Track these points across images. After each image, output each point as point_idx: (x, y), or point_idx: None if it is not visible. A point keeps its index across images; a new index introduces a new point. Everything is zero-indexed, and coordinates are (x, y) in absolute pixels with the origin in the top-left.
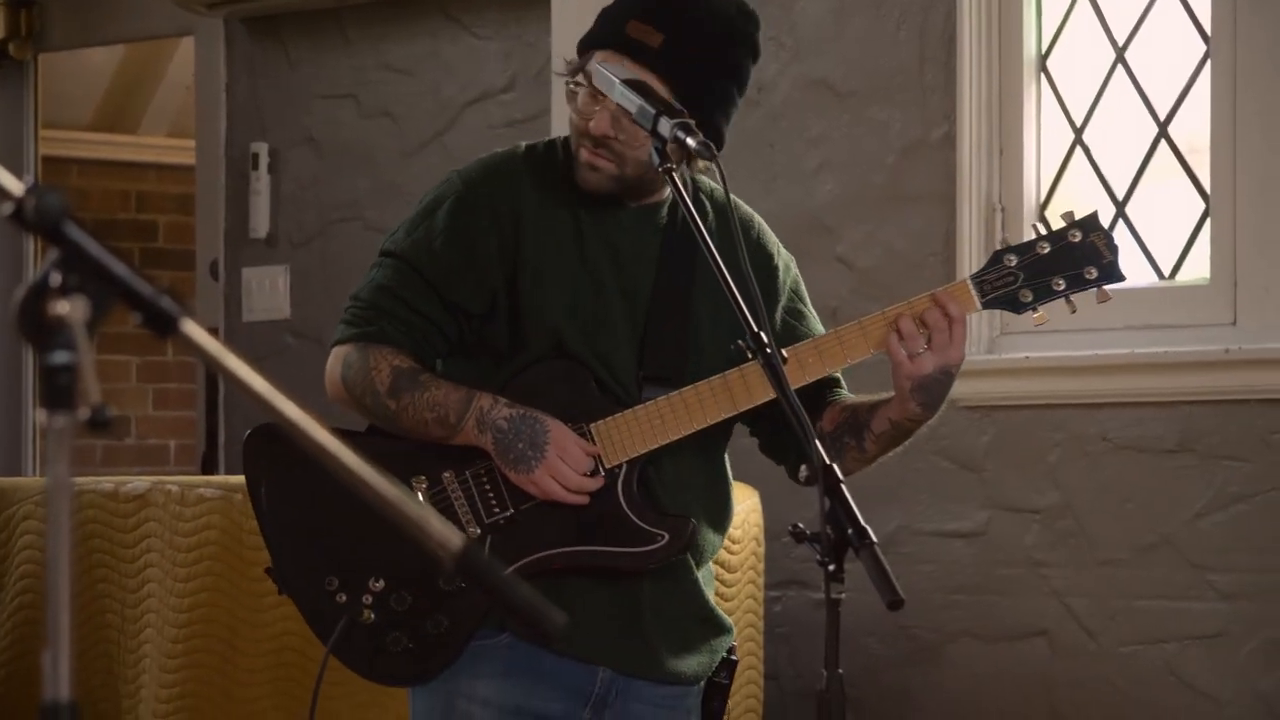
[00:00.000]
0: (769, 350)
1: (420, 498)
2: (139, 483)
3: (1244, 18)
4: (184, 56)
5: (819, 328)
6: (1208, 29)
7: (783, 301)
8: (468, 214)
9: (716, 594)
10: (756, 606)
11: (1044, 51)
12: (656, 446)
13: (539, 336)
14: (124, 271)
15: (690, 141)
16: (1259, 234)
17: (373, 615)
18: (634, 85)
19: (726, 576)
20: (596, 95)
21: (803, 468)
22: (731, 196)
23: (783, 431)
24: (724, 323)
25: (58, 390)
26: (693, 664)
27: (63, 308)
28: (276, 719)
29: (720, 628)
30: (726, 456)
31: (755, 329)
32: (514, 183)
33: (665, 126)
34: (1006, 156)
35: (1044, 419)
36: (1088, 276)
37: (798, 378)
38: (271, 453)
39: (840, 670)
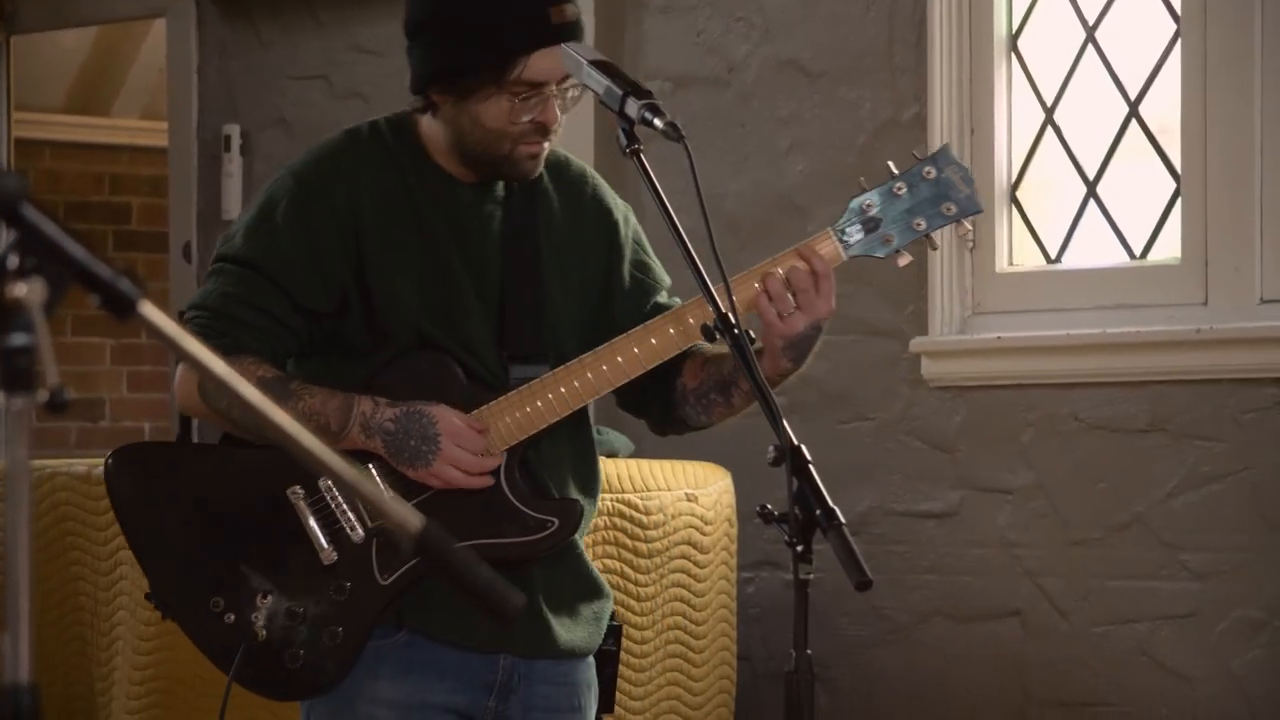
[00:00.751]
0: (736, 331)
1: (303, 508)
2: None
3: None
4: (156, 39)
5: (664, 276)
6: (1178, 9)
7: (628, 255)
8: (305, 211)
9: (688, 574)
10: (729, 588)
11: (1014, 31)
12: (537, 431)
13: (398, 329)
14: (81, 253)
15: (658, 123)
16: (1230, 214)
17: (265, 633)
18: (600, 65)
19: (699, 558)
20: (541, 91)
21: (770, 448)
22: (564, 153)
23: (642, 391)
24: (573, 292)
25: (16, 372)
26: (582, 635)
27: (20, 290)
28: (248, 699)
29: (600, 592)
30: (591, 426)
31: (724, 310)
32: (346, 171)
33: (633, 107)
34: (977, 136)
35: (1016, 399)
36: (946, 212)
37: (676, 346)
38: (136, 473)
39: (810, 651)
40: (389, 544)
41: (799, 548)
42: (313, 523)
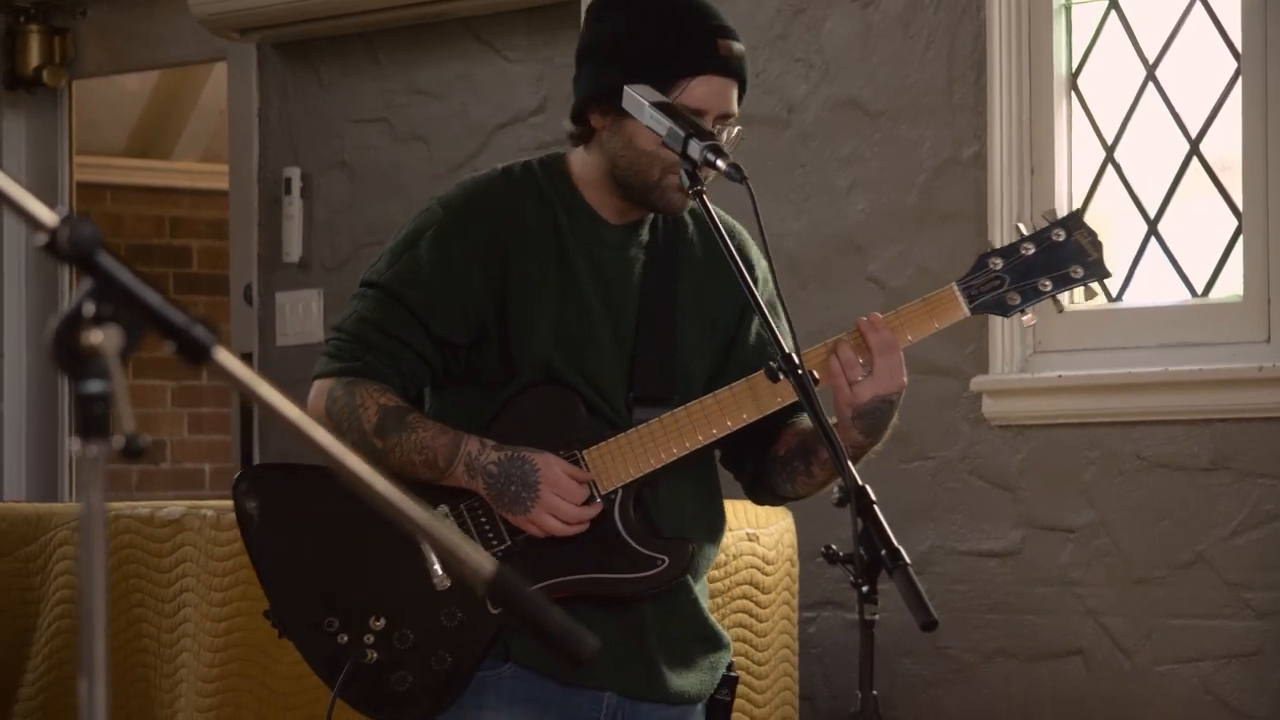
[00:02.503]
0: (800, 371)
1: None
2: (174, 507)
3: (1275, 34)
4: (217, 82)
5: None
6: (1238, 46)
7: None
8: (451, 242)
9: (750, 614)
10: (791, 628)
11: (1074, 69)
12: (651, 470)
13: (528, 363)
14: (157, 300)
15: (721, 164)
16: None
17: (375, 655)
18: (662, 107)
19: (760, 598)
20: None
21: (835, 489)
22: (716, 210)
23: (742, 449)
24: (706, 340)
25: (92, 419)
26: (694, 681)
27: (96, 337)
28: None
29: (719, 643)
30: (717, 469)
31: (786, 349)
32: (495, 207)
33: (695, 149)
34: (1038, 175)
35: (1078, 437)
36: (1074, 275)
37: (752, 411)
38: (261, 494)
39: (875, 691)
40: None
41: (864, 588)
42: (428, 549)
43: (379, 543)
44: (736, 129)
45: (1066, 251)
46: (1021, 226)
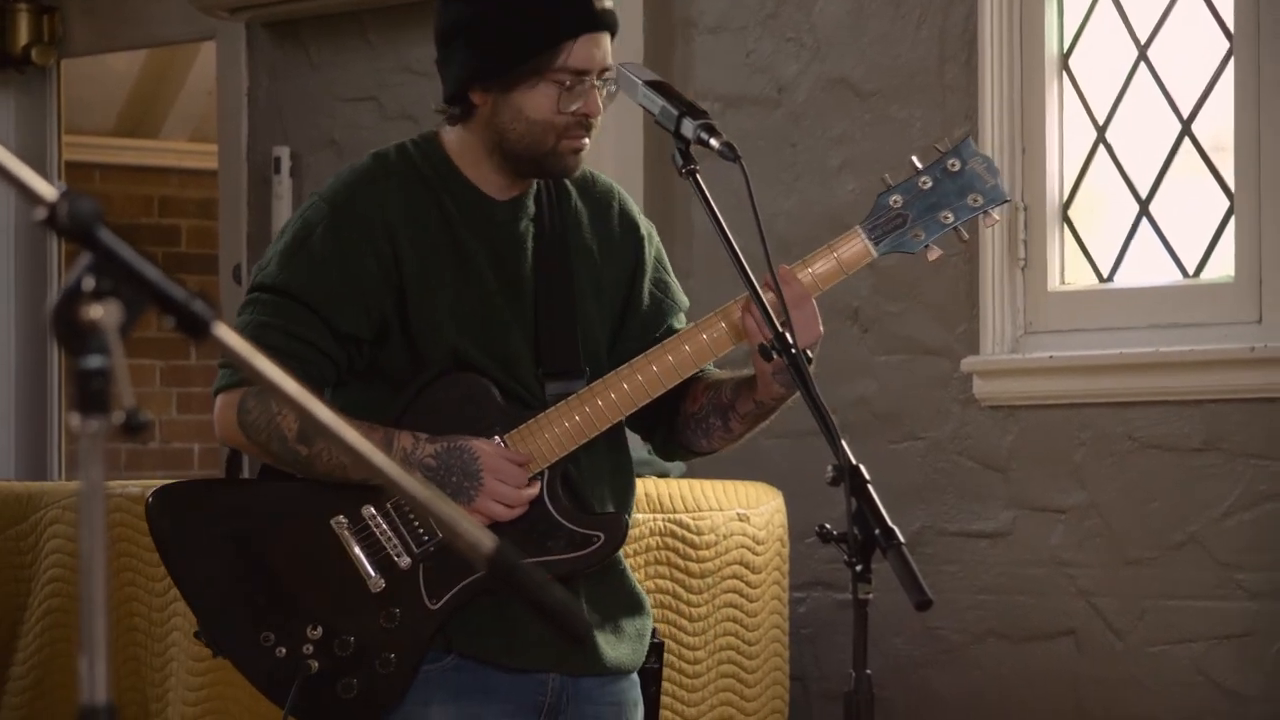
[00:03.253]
0: (794, 350)
1: (348, 538)
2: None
3: (1267, 14)
4: (205, 61)
5: (682, 297)
6: (1230, 26)
7: (649, 273)
8: (343, 236)
9: (740, 594)
10: (781, 608)
11: (1065, 50)
12: (575, 448)
13: (435, 351)
14: (156, 275)
15: (714, 143)
16: None
17: (317, 664)
18: (655, 85)
19: (751, 578)
20: (584, 80)
21: (829, 468)
22: (589, 169)
23: (649, 411)
24: (604, 307)
25: (91, 395)
26: (626, 652)
27: (96, 312)
28: None
29: (641, 608)
30: (625, 433)
31: (780, 328)
32: (380, 196)
33: (689, 128)
34: (1029, 155)
35: (1069, 418)
36: (973, 204)
37: (709, 355)
38: (176, 514)
39: (868, 671)
40: (436, 568)
41: (858, 567)
42: (358, 551)
43: (305, 552)
44: (615, 85)
45: (964, 180)
46: (916, 160)
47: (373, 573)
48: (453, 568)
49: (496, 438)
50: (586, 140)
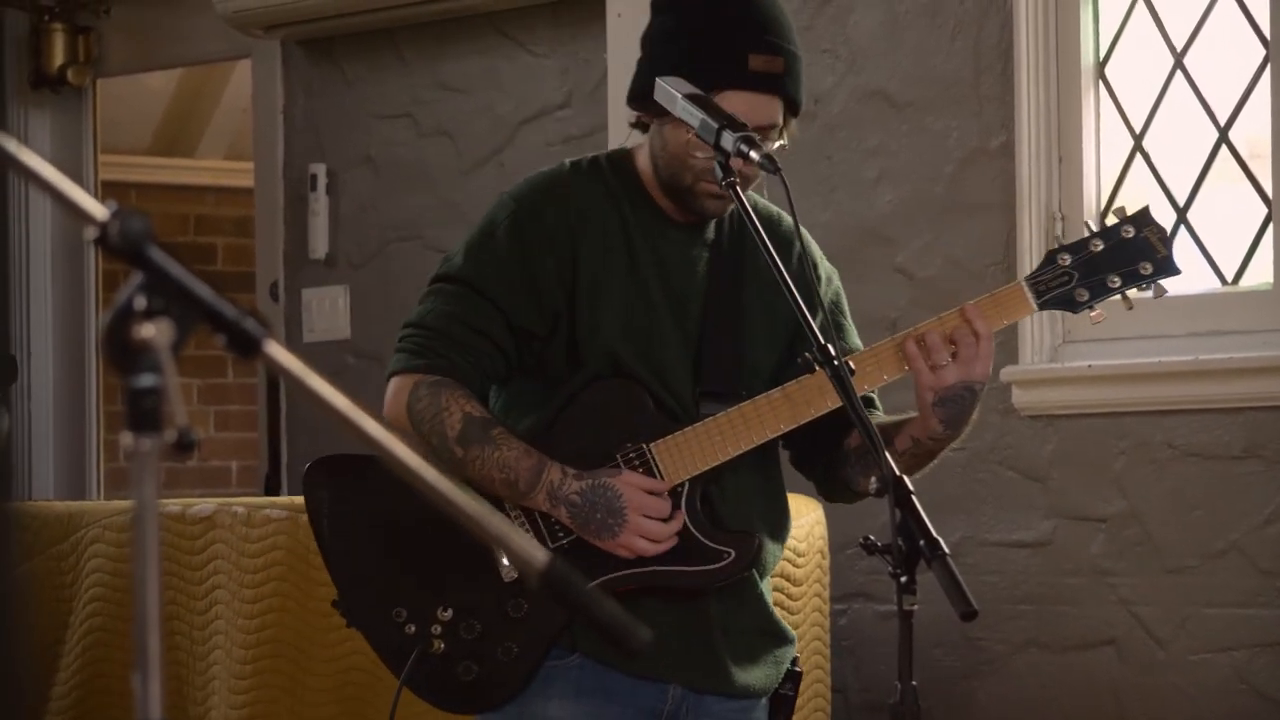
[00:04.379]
0: (836, 362)
1: None
2: (205, 505)
3: None
4: (241, 79)
5: (857, 342)
6: (1266, 33)
7: (822, 313)
8: (526, 234)
9: (781, 606)
10: (822, 620)
11: (1102, 58)
12: (718, 463)
13: (595, 356)
14: (208, 294)
15: (754, 155)
16: None
17: (443, 645)
18: (695, 99)
19: (791, 590)
20: None
21: (873, 480)
22: (779, 210)
23: (812, 445)
24: (772, 339)
25: (144, 413)
26: (759, 676)
27: (148, 331)
28: (415, 709)
29: (783, 638)
30: (782, 467)
31: (822, 341)
32: (565, 200)
33: (729, 141)
34: (1066, 164)
35: (1108, 427)
36: (1143, 272)
37: (823, 405)
38: (332, 485)
39: (914, 683)
40: (571, 565)
41: (903, 579)
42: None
43: (446, 534)
44: (777, 144)
45: (1135, 248)
46: (1090, 223)
47: (506, 562)
48: (586, 567)
49: (644, 445)
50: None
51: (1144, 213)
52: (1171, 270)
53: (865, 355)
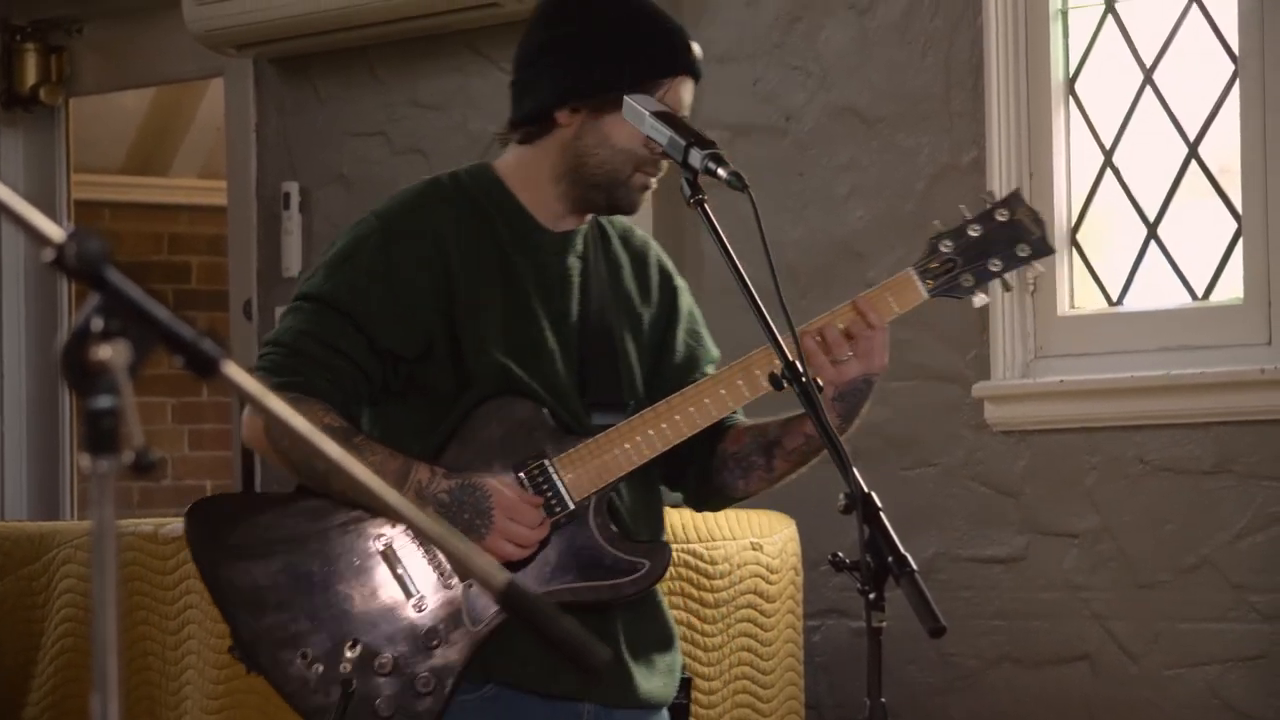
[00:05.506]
0: (804, 379)
1: (394, 557)
2: (177, 524)
3: (1272, 36)
4: (214, 98)
5: (714, 349)
6: (1235, 48)
7: (683, 323)
8: (393, 252)
9: (754, 623)
10: (796, 636)
11: (1072, 74)
12: (623, 475)
13: (485, 374)
14: (165, 315)
15: (722, 173)
16: None
17: (354, 683)
18: (662, 116)
19: (765, 606)
20: None
21: (841, 496)
22: (624, 220)
23: (684, 453)
24: (641, 348)
25: (101, 434)
26: (659, 685)
27: (105, 352)
28: None
29: (673, 642)
30: (657, 468)
31: (790, 358)
32: (434, 216)
33: (696, 158)
34: (1037, 180)
35: (1080, 442)
36: (1020, 254)
37: (738, 400)
38: (216, 529)
39: (883, 699)
40: (479, 592)
41: (872, 595)
42: (402, 570)
43: (346, 568)
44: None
45: (1012, 231)
46: (964, 209)
47: (415, 592)
48: None
49: (545, 461)
50: (653, 181)
51: (1015, 195)
52: (1046, 250)
53: (757, 356)
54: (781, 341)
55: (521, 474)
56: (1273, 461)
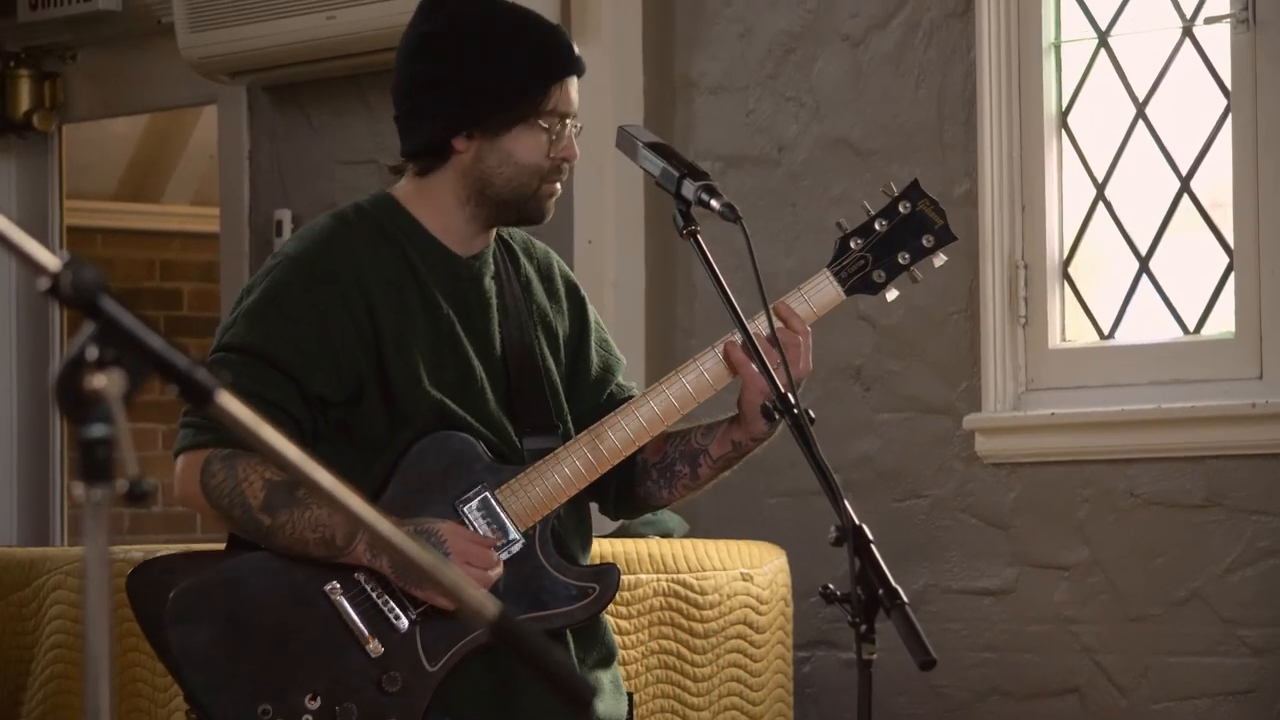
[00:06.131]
0: (796, 410)
1: (344, 604)
2: (168, 551)
3: (1264, 71)
4: (207, 125)
5: (622, 356)
6: (1228, 83)
7: (594, 333)
8: (315, 295)
9: (744, 654)
10: (786, 667)
11: (1064, 108)
12: (563, 501)
13: (419, 411)
14: (159, 344)
15: (715, 204)
16: None
17: None
18: (655, 147)
19: (755, 637)
20: (563, 123)
21: (832, 528)
22: (521, 232)
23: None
24: (561, 365)
25: (95, 463)
26: (611, 703)
27: (99, 381)
28: None
29: (614, 657)
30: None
31: (783, 389)
32: (348, 253)
33: (689, 189)
34: (1029, 212)
35: (1071, 475)
36: (926, 245)
37: (670, 417)
38: (161, 591)
39: None
40: (433, 631)
41: (862, 627)
42: (355, 616)
43: (299, 620)
44: (580, 125)
45: (916, 222)
46: (867, 204)
47: (370, 638)
48: (449, 629)
49: (487, 494)
50: (560, 186)
51: (914, 186)
52: (949, 238)
53: (689, 367)
54: (774, 372)
55: (464, 508)
56: (1263, 496)
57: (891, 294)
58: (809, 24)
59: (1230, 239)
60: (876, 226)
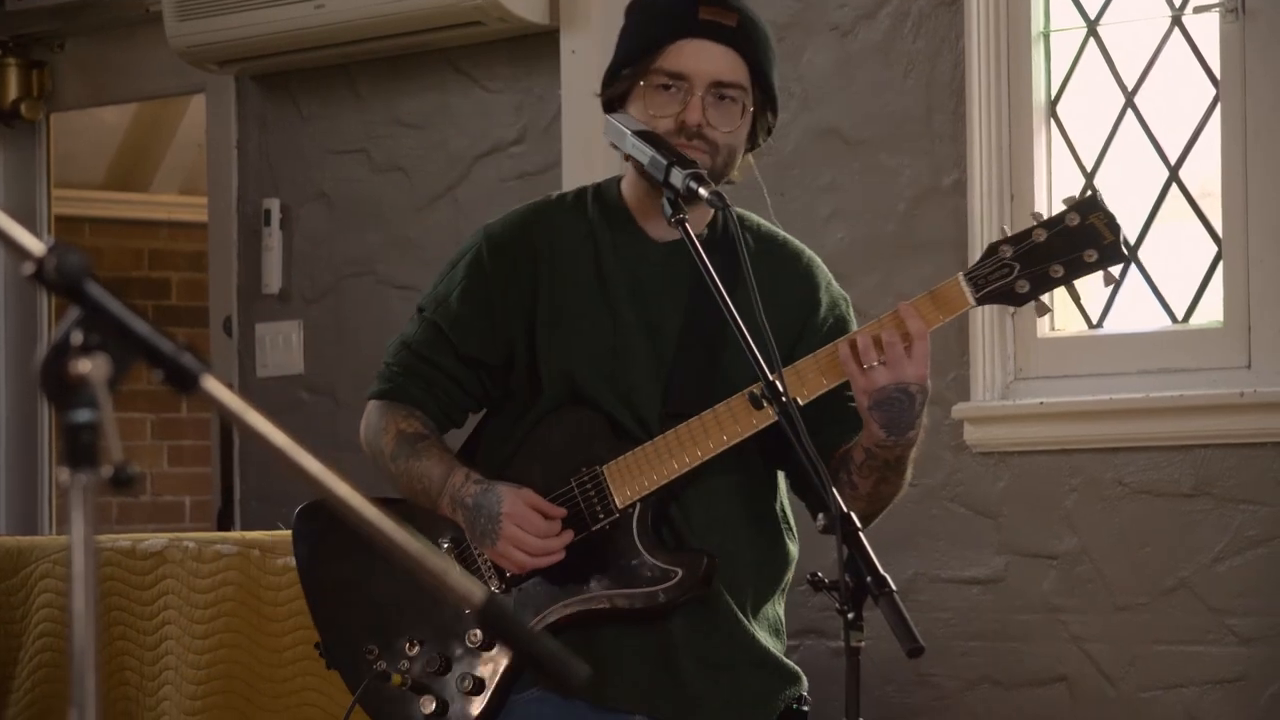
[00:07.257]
0: (783, 398)
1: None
2: (156, 540)
3: (1253, 61)
4: (195, 114)
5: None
6: (1217, 72)
7: (815, 341)
8: (485, 265)
9: None
10: None
11: (1053, 97)
12: (665, 482)
13: (553, 382)
14: (145, 329)
15: (702, 191)
16: (1272, 276)
17: (404, 679)
18: (644, 135)
19: None
20: (685, 87)
21: (820, 516)
22: (786, 235)
23: (803, 473)
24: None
25: (80, 449)
26: (738, 709)
27: (84, 366)
28: None
29: (785, 676)
30: (781, 504)
31: (769, 376)
32: (534, 230)
33: (678, 177)
34: (1018, 202)
35: (1059, 464)
36: (1087, 260)
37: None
38: (315, 528)
39: (861, 719)
40: (526, 598)
41: (850, 615)
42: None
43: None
44: (746, 101)
45: (1081, 235)
46: (1038, 213)
47: None
48: (542, 599)
49: (597, 469)
50: (697, 155)
51: (1091, 198)
52: (1118, 257)
53: (807, 361)
54: (761, 362)
55: (573, 481)
56: (1251, 485)
57: (1040, 310)
58: (797, 14)
59: (1219, 228)
60: (1034, 235)
